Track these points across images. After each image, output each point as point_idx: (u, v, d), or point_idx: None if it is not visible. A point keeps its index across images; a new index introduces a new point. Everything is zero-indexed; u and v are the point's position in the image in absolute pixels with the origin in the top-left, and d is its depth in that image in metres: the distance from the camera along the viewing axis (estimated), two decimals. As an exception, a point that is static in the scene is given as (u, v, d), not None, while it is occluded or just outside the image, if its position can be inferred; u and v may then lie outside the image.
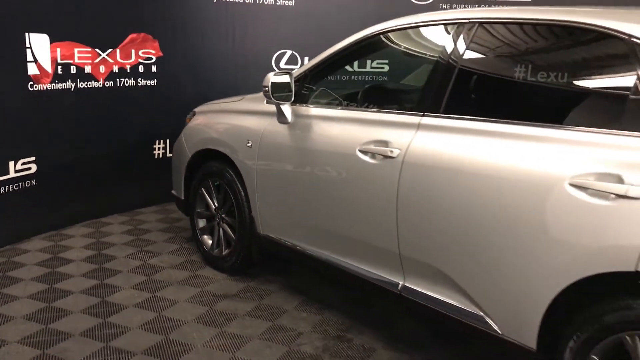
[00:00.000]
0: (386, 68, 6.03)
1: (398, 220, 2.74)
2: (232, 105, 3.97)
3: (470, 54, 2.66)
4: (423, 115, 2.72)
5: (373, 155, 2.83)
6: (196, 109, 4.32)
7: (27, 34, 4.26)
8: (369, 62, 6.02)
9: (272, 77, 3.22)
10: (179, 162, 4.28)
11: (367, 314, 3.45)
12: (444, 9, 6.42)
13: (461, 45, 2.69)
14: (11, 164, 4.29)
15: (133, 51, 5.12)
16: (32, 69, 4.33)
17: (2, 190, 4.24)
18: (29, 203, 4.47)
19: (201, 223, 4.17)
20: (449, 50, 2.73)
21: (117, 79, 5.04)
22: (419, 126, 2.71)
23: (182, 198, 4.31)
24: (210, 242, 4.10)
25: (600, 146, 2.12)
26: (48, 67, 4.45)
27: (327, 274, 3.44)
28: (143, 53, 5.20)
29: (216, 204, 3.99)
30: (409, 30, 3.03)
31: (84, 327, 3.20)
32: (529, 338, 2.32)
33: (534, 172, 2.24)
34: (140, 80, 5.22)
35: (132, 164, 5.23)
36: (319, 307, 3.55)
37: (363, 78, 6.00)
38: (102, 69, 4.89)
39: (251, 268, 3.97)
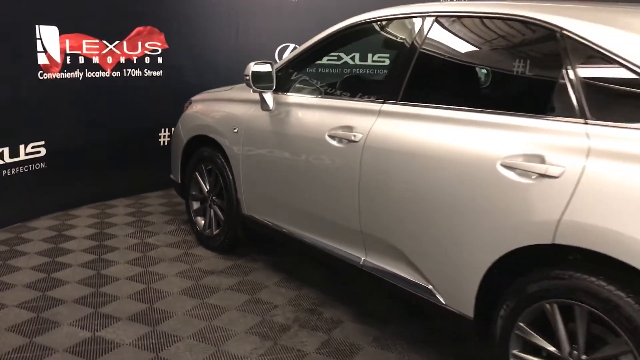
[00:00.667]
0: (387, 62, 6.21)
1: (360, 200, 2.95)
2: (223, 94, 4.22)
3: (425, 46, 2.85)
4: (383, 103, 2.93)
5: (340, 139, 3.05)
6: (193, 98, 4.58)
7: (37, 26, 4.57)
8: (369, 55, 6.20)
9: (252, 66, 3.46)
10: (176, 147, 4.55)
11: (342, 291, 3.66)
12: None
13: (418, 38, 2.88)
14: (21, 147, 4.61)
15: (139, 43, 5.40)
16: (41, 59, 4.64)
17: (13, 172, 4.56)
18: (39, 184, 4.78)
19: (195, 205, 4.43)
20: (408, 43, 2.93)
21: (124, 70, 5.33)
22: (379, 113, 2.92)
23: (179, 182, 4.58)
24: (202, 222, 4.36)
25: (529, 130, 2.30)
26: (57, 58, 4.75)
27: (303, 252, 3.66)
28: (149, 45, 5.48)
29: (208, 187, 4.24)
30: (378, 23, 3.23)
31: (77, 295, 3.48)
32: (468, 308, 2.51)
33: (472, 154, 2.43)
34: (147, 71, 5.50)
35: (138, 151, 5.51)
36: (298, 283, 3.77)
37: (363, 71, 6.20)
38: (109, 59, 5.19)
39: (239, 247, 4.21)
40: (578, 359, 2.15)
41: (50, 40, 4.68)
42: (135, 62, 5.40)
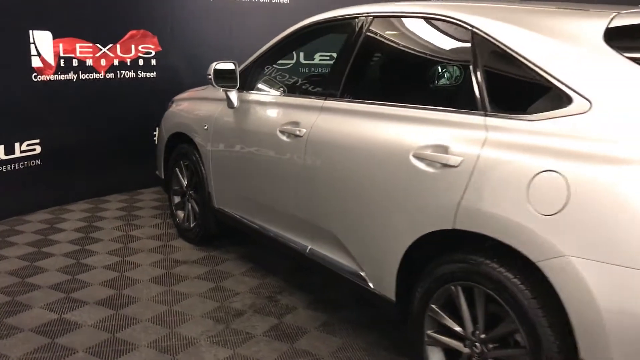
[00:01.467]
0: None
1: (304, 191, 3.12)
2: (198, 93, 4.43)
3: (360, 46, 3.01)
4: (325, 99, 3.10)
5: (288, 134, 3.22)
6: (175, 97, 4.80)
7: (31, 31, 4.86)
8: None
9: (214, 65, 3.66)
10: (159, 145, 4.79)
11: (303, 280, 3.83)
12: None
13: (356, 37, 3.04)
14: (17, 145, 4.90)
15: (133, 46, 5.66)
16: (35, 62, 4.93)
17: (8, 168, 4.85)
18: (34, 180, 5.07)
19: (176, 199, 4.66)
20: (348, 42, 3.09)
21: (118, 72, 5.59)
22: (321, 109, 3.09)
23: (162, 177, 4.81)
24: (182, 215, 4.58)
25: (438, 123, 2.45)
26: (51, 60, 5.04)
27: (263, 242, 3.83)
28: (143, 48, 5.74)
29: (186, 182, 4.46)
30: (326, 25, 3.39)
31: (53, 282, 3.73)
32: (390, 291, 2.66)
33: (390, 145, 2.59)
34: (140, 73, 5.76)
35: (132, 149, 5.76)
36: (263, 273, 3.96)
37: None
38: (102, 62, 5.46)
39: (216, 240, 4.41)
40: (479, 338, 2.28)
41: (43, 44, 4.96)
42: (128, 64, 5.66)
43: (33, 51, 4.91)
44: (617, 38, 2.04)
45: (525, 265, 2.06)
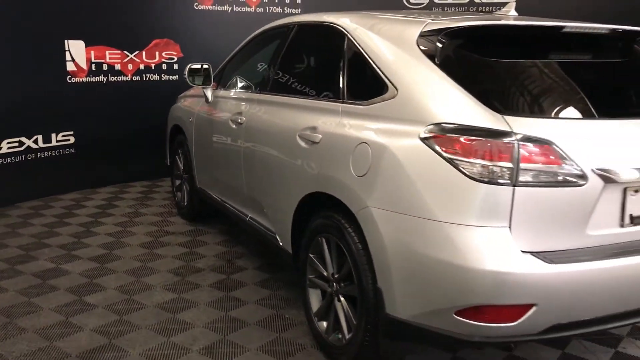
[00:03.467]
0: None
1: (243, 168, 3.81)
2: (192, 91, 5.21)
3: (284, 49, 3.67)
4: (260, 93, 3.78)
5: (235, 123, 3.93)
6: (180, 95, 5.61)
7: (66, 41, 5.82)
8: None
9: (190, 66, 4.42)
10: (165, 135, 5.61)
11: (265, 250, 4.48)
12: (437, 10, 7.20)
13: (282, 42, 3.71)
14: (53, 135, 5.88)
15: (157, 53, 6.55)
16: (70, 67, 5.90)
17: (46, 155, 5.83)
18: (68, 166, 6.03)
19: (177, 182, 5.46)
20: (276, 47, 3.77)
21: (143, 75, 6.50)
22: (255, 101, 3.78)
23: (168, 164, 5.64)
24: (180, 196, 5.37)
25: (315, 109, 3.08)
26: (83, 65, 6.00)
27: (227, 214, 4.50)
28: (166, 54, 6.62)
29: (182, 167, 5.25)
30: (269, 33, 4.06)
31: (61, 242, 4.61)
32: (289, 245, 3.30)
33: (287, 128, 3.23)
34: (164, 76, 6.63)
35: (155, 143, 6.60)
36: (233, 244, 4.67)
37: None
38: (130, 66, 6.38)
39: (210, 218, 5.11)
40: (334, 278, 2.88)
41: (77, 51, 5.92)
42: (153, 68, 6.55)
43: (68, 57, 5.87)
44: (424, 41, 2.59)
45: (353, 217, 2.64)
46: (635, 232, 2.38)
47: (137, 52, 6.41)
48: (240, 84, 4.29)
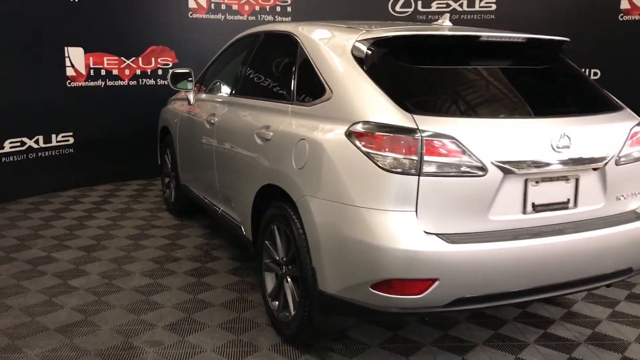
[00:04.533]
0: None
1: (215, 164, 4.16)
2: (181, 94, 5.58)
3: (252, 55, 4.02)
4: (230, 96, 4.13)
5: (209, 123, 4.28)
6: (170, 98, 5.98)
7: (66, 48, 6.23)
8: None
9: (172, 70, 4.78)
10: (156, 136, 5.98)
11: (240, 242, 4.81)
12: (421, 20, 7.52)
13: (249, 50, 4.06)
14: (53, 135, 6.28)
15: (153, 59, 6.95)
16: (69, 72, 6.31)
17: (46, 154, 6.24)
18: (69, 165, 6.43)
19: (166, 180, 5.83)
20: (244, 54, 4.12)
21: (140, 79, 6.89)
22: (227, 103, 4.13)
23: (159, 163, 6.01)
24: (169, 192, 5.74)
25: (270, 110, 3.42)
26: (82, 70, 6.40)
27: (205, 209, 4.84)
28: (162, 60, 7.01)
29: (170, 165, 5.62)
30: (244, 40, 4.41)
31: (55, 234, 4.98)
32: (249, 233, 3.64)
33: (248, 127, 3.58)
34: (159, 81, 7.02)
35: (151, 144, 6.99)
36: (213, 235, 5.01)
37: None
38: (127, 72, 6.77)
39: (196, 213, 5.48)
40: (282, 261, 3.21)
41: (76, 57, 6.33)
42: (149, 73, 6.94)
43: (67, 63, 6.28)
44: (357, 49, 2.91)
45: (295, 205, 2.97)
46: (536, 218, 2.68)
47: (133, 58, 6.80)
48: (216, 88, 4.64)
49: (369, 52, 2.84)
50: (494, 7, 7.22)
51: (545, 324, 3.51)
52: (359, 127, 2.60)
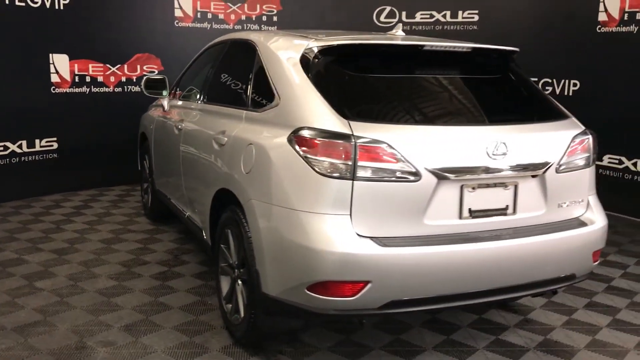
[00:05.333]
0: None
1: (182, 170, 4.23)
2: (158, 100, 5.67)
3: (215, 64, 4.10)
4: (197, 102, 4.21)
5: (177, 128, 4.36)
6: (153, 104, 6.06)
7: (50, 55, 6.34)
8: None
9: (147, 77, 4.87)
10: (136, 142, 6.07)
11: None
12: (405, 30, 7.58)
13: (216, 58, 4.15)
14: (37, 140, 6.38)
15: (139, 66, 7.05)
16: (54, 78, 6.41)
17: (30, 159, 6.34)
18: (51, 170, 6.52)
19: (145, 185, 5.90)
20: (212, 61, 4.20)
21: (125, 86, 6.99)
22: (194, 109, 4.21)
23: (139, 168, 6.09)
24: (147, 197, 5.81)
25: (225, 115, 3.49)
26: (67, 77, 6.51)
27: (175, 214, 4.90)
28: (147, 67, 7.11)
29: (147, 171, 5.70)
30: (213, 47, 4.49)
31: (31, 237, 5.06)
32: (209, 237, 3.70)
33: (207, 132, 3.65)
34: (145, 87, 7.10)
35: (136, 150, 7.09)
36: (185, 240, 5.08)
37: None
38: (112, 78, 6.88)
39: (171, 218, 5.53)
40: (235, 264, 3.27)
41: (61, 64, 6.44)
42: (134, 80, 7.04)
43: (52, 70, 6.39)
44: (305, 57, 2.98)
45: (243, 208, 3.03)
46: (473, 224, 2.73)
47: (119, 66, 6.91)
48: (188, 94, 4.72)
49: (315, 60, 2.91)
50: (476, 17, 7.29)
51: (499, 330, 3.55)
52: (298, 133, 2.66)
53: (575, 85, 6.44)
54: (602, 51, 6.18)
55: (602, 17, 6.15)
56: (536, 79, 6.72)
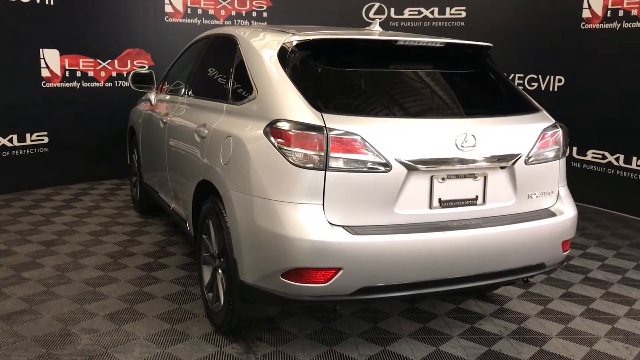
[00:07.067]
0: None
1: (167, 162, 4.31)
2: (145, 95, 5.74)
3: (202, 57, 4.18)
4: (182, 96, 4.29)
5: (162, 122, 4.43)
6: (142, 98, 6.13)
7: (41, 49, 6.41)
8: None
9: (134, 71, 4.94)
10: (126, 136, 6.14)
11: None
12: (393, 27, 7.68)
13: (200, 52, 4.22)
14: (27, 135, 6.45)
15: (129, 61, 7.11)
16: (44, 73, 6.48)
17: (20, 153, 6.41)
18: (43, 164, 6.59)
19: (134, 178, 5.98)
20: (196, 55, 4.28)
21: (116, 81, 7.06)
22: (179, 102, 4.28)
23: (128, 162, 6.16)
24: (135, 191, 5.89)
25: (206, 108, 3.57)
26: (57, 72, 6.57)
27: (160, 205, 4.98)
28: (137, 62, 7.18)
29: (136, 165, 5.77)
30: (198, 42, 4.57)
31: (21, 229, 5.13)
32: (191, 228, 3.78)
33: (189, 125, 3.73)
34: (135, 82, 7.16)
35: (126, 144, 7.16)
36: (173, 233, 5.15)
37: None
38: (102, 73, 6.94)
39: (159, 211, 5.62)
40: (215, 254, 3.35)
41: (51, 59, 6.50)
42: (125, 75, 7.10)
43: (43, 64, 6.45)
44: (282, 51, 3.05)
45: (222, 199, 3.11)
46: (442, 213, 2.81)
47: (109, 61, 6.97)
48: (173, 88, 4.79)
49: (292, 54, 2.99)
50: (463, 14, 7.37)
51: (475, 319, 3.64)
52: (274, 125, 2.74)
53: (560, 81, 6.53)
54: (586, 47, 6.27)
55: (586, 14, 6.23)
56: (522, 75, 6.81)
